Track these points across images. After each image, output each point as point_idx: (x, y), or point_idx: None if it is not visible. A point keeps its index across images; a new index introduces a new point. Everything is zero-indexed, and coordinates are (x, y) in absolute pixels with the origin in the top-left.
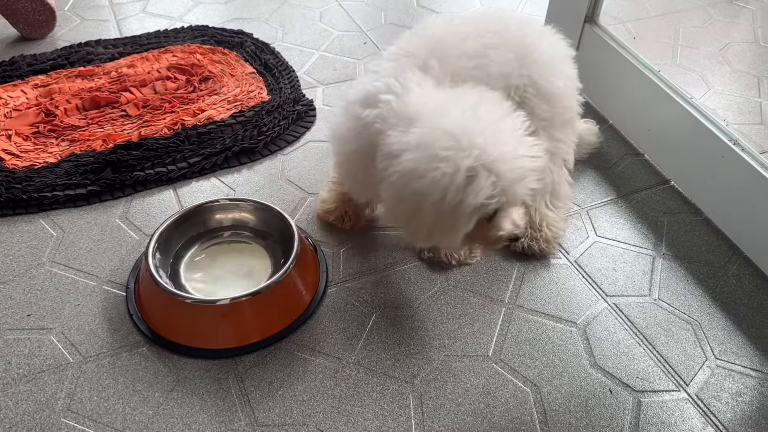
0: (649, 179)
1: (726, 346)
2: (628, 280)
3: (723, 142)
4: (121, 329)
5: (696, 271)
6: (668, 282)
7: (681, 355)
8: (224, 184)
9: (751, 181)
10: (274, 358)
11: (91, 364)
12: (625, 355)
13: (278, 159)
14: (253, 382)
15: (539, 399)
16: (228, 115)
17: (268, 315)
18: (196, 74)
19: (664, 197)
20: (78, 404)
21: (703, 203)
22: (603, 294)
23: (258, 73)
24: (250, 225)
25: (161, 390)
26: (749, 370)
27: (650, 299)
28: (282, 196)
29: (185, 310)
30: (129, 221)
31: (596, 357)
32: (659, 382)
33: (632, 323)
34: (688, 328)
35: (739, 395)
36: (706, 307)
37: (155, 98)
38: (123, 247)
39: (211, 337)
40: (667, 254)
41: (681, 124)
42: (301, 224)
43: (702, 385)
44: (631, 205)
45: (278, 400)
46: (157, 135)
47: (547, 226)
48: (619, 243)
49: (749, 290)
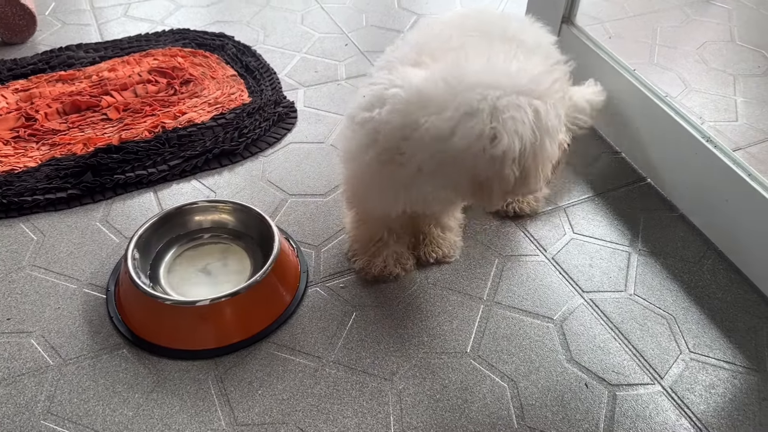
0: (625, 177)
1: (700, 339)
2: (605, 276)
3: (696, 140)
4: (101, 331)
5: (671, 266)
6: (644, 277)
7: (656, 348)
8: (205, 187)
9: (724, 177)
10: (254, 358)
11: (71, 367)
12: (601, 349)
13: (259, 161)
14: (233, 382)
15: (516, 394)
16: (209, 117)
17: (248, 315)
18: (177, 77)
19: (641, 194)
20: (58, 406)
21: (678, 200)
22: (580, 290)
23: (239, 76)
24: (230, 226)
25: (141, 391)
26: (722, 362)
27: (626, 294)
28: (263, 197)
29: (165, 312)
30: (109, 224)
31: (572, 352)
32: (634, 376)
33: (608, 318)
34: (663, 322)
35: (712, 387)
36: (681, 302)
37: (136, 101)
38: (103, 249)
39: (191, 338)
40: (643, 250)
41: (656, 122)
42: (282, 225)
43: (676, 378)
44: (608, 202)
45: (258, 400)
46: (137, 138)
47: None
48: (595, 240)
49: (723, 284)
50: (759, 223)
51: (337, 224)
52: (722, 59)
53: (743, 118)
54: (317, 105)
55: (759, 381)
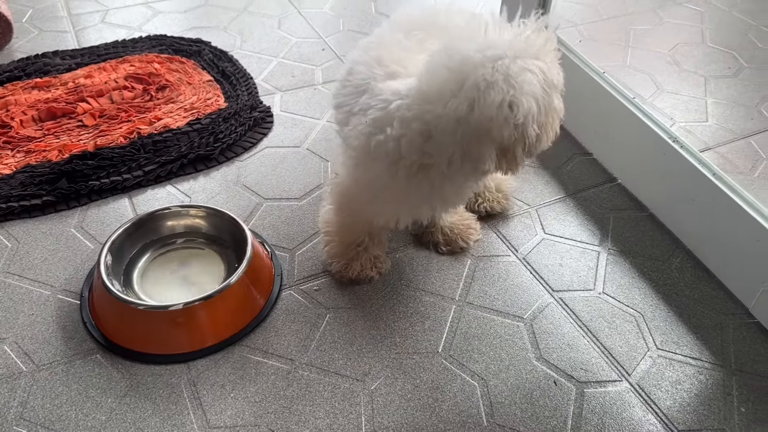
0: (596, 177)
1: (667, 336)
2: (574, 275)
3: (664, 140)
4: (75, 337)
5: (640, 265)
6: (613, 276)
7: (624, 346)
8: (180, 192)
9: (690, 176)
10: (227, 362)
11: (44, 373)
12: (570, 347)
13: (235, 165)
14: (205, 386)
15: (486, 392)
16: (184, 122)
17: (221, 319)
18: (153, 83)
19: (611, 194)
20: (30, 412)
21: (647, 200)
22: (550, 289)
23: (215, 81)
24: (203, 231)
25: (114, 396)
26: (689, 358)
27: (595, 293)
28: (238, 201)
29: (138, 317)
30: (84, 230)
31: (542, 350)
32: (602, 373)
33: (577, 316)
34: (632, 320)
35: (678, 383)
36: (649, 300)
37: (112, 108)
38: (78, 256)
39: (165, 343)
40: (612, 249)
41: (625, 124)
42: (257, 229)
43: (643, 375)
44: (578, 202)
45: (230, 402)
46: (112, 144)
47: (501, 185)
48: (566, 240)
49: (690, 282)
50: (724, 222)
51: (311, 227)
52: (693, 61)
53: (713, 118)
54: (294, 109)
55: (724, 376)
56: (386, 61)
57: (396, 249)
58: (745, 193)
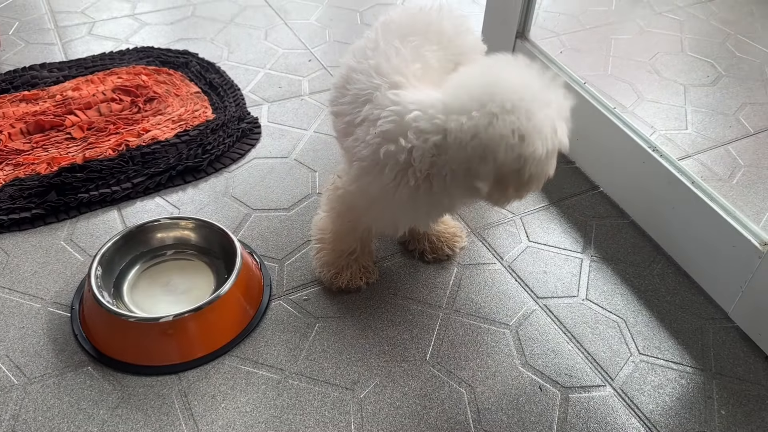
0: (579, 186)
1: (649, 341)
2: (558, 282)
3: (643, 149)
4: (66, 349)
5: (622, 271)
6: (596, 282)
7: (607, 351)
8: (169, 203)
9: (669, 184)
10: (218, 372)
11: (35, 385)
12: (555, 353)
13: (223, 177)
14: (196, 396)
15: (473, 399)
16: (172, 134)
17: (212, 330)
18: (141, 95)
19: (593, 202)
20: (22, 425)
21: (628, 207)
22: (534, 296)
23: (203, 93)
24: (193, 242)
25: (106, 407)
26: (670, 363)
27: (578, 299)
28: (227, 213)
29: (129, 329)
30: (74, 243)
31: (527, 356)
32: (586, 378)
33: (561, 323)
34: (614, 325)
35: (660, 387)
36: (632, 305)
37: (100, 120)
38: (68, 268)
39: (155, 354)
40: (595, 256)
41: (606, 133)
42: (246, 239)
43: (626, 379)
44: (562, 210)
45: (221, 413)
46: (101, 157)
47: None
48: (549, 247)
49: (672, 288)
50: (703, 228)
51: (300, 237)
52: (673, 69)
53: (692, 126)
54: (281, 120)
55: (705, 380)
56: (386, 71)
57: (383, 258)
58: (722, 201)
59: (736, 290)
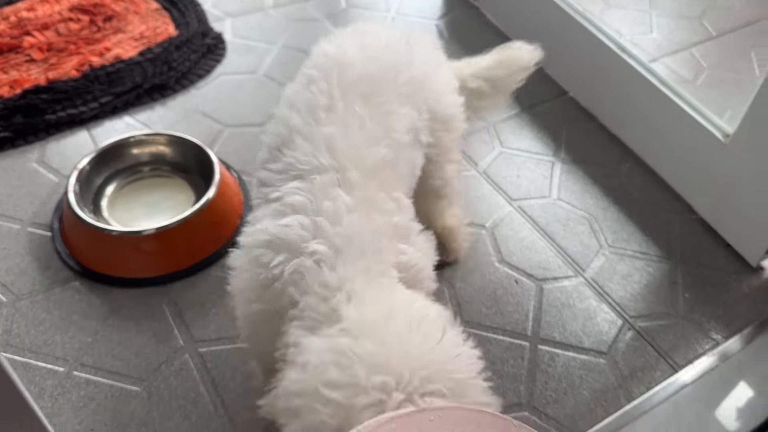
0: (549, 92)
1: (618, 235)
2: (531, 184)
3: (613, 52)
4: (51, 267)
5: (592, 172)
6: (567, 184)
7: (578, 245)
8: (138, 122)
9: (638, 86)
10: (205, 282)
11: (25, 302)
12: (529, 249)
13: (191, 94)
14: (186, 305)
15: (453, 294)
16: (136, 52)
17: (194, 242)
18: (99, 14)
19: (563, 107)
20: (16, 339)
21: (598, 111)
22: (509, 198)
23: (163, 9)
24: (168, 159)
25: (97, 319)
26: (638, 253)
27: (551, 200)
28: (200, 129)
29: (112, 243)
30: (46, 164)
31: (503, 254)
32: (559, 271)
33: (535, 222)
34: (585, 222)
35: (629, 276)
36: (601, 203)
37: (59, 41)
38: (43, 189)
39: (140, 267)
40: (566, 159)
41: (575, 37)
42: (221, 156)
43: (597, 270)
44: (533, 117)
45: (212, 318)
46: (65, 77)
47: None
48: (522, 152)
49: (639, 185)
50: (670, 126)
51: None
52: None
53: (658, 31)
54: (246, 35)
55: (670, 267)
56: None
57: None
58: (688, 97)
59: (699, 183)
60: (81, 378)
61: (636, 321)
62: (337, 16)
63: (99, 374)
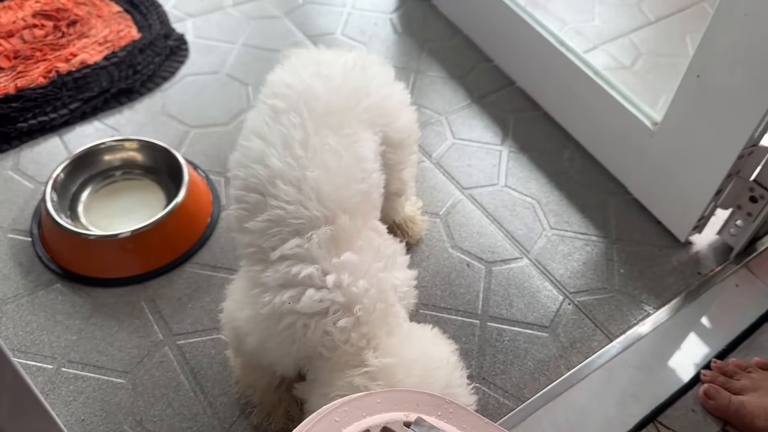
0: (497, 82)
1: (560, 217)
2: (481, 173)
3: (551, 45)
4: (33, 271)
5: (536, 158)
6: (513, 171)
7: (524, 229)
8: (108, 126)
9: (575, 77)
10: (180, 278)
11: (10, 305)
12: (479, 234)
13: (157, 96)
14: (163, 301)
15: None
16: (101, 57)
17: (168, 242)
18: (63, 18)
19: (511, 97)
20: (5, 340)
21: (542, 99)
22: (461, 187)
23: (125, 11)
24: (139, 163)
25: (80, 318)
26: (578, 234)
27: (499, 187)
28: (166, 131)
29: (90, 247)
30: (21, 171)
31: (456, 240)
32: (506, 253)
33: (485, 208)
34: (530, 206)
35: (569, 255)
36: (545, 188)
37: (25, 48)
38: (20, 196)
39: (118, 267)
40: (512, 147)
41: (518, 31)
42: (188, 156)
43: (540, 251)
44: (483, 107)
45: (188, 313)
46: (33, 85)
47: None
48: (473, 142)
49: (579, 169)
50: (604, 114)
51: None
52: None
53: (599, 18)
54: (207, 35)
55: (606, 245)
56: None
57: None
58: (620, 88)
59: (632, 166)
60: (69, 374)
61: (575, 296)
62: (295, 13)
63: (86, 369)
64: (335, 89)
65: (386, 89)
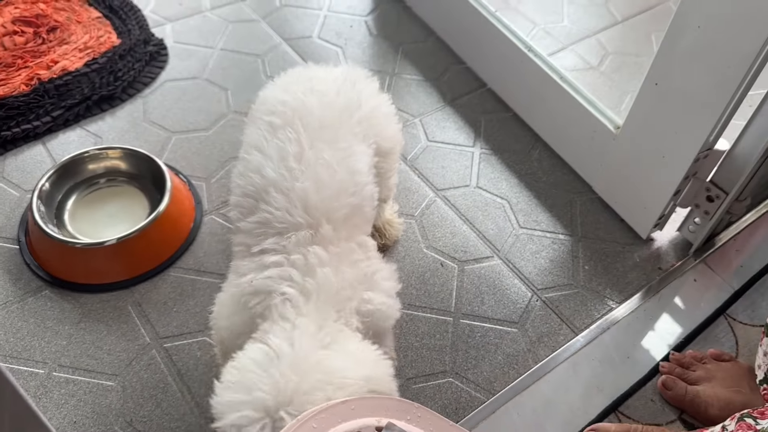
0: (469, 85)
1: (529, 216)
2: (454, 174)
3: (519, 49)
4: (22, 278)
5: (507, 159)
6: (485, 171)
7: (495, 228)
8: (90, 133)
9: (541, 81)
10: (165, 283)
11: (0, 312)
12: (453, 234)
13: (138, 102)
14: (149, 305)
15: None
16: (81, 63)
17: (153, 247)
18: (42, 25)
19: (482, 99)
20: None
21: (511, 101)
22: (435, 188)
23: (104, 17)
24: (123, 170)
25: (70, 323)
26: (545, 232)
27: (471, 188)
28: (148, 138)
29: (77, 254)
30: (6, 179)
31: (430, 240)
32: (478, 252)
33: (457, 209)
34: (500, 206)
35: (537, 253)
36: (514, 188)
37: (6, 55)
38: (6, 204)
39: (105, 273)
40: (484, 148)
41: (489, 35)
42: (170, 162)
43: (510, 249)
44: (455, 109)
45: (174, 316)
46: (16, 93)
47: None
48: (446, 144)
49: (547, 169)
50: (570, 117)
51: (222, 155)
52: None
53: (568, 18)
54: (186, 40)
55: (573, 243)
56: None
57: None
58: (585, 92)
59: (597, 167)
60: (60, 378)
61: (543, 293)
62: (273, 16)
63: (76, 373)
64: (328, 104)
65: (374, 101)
